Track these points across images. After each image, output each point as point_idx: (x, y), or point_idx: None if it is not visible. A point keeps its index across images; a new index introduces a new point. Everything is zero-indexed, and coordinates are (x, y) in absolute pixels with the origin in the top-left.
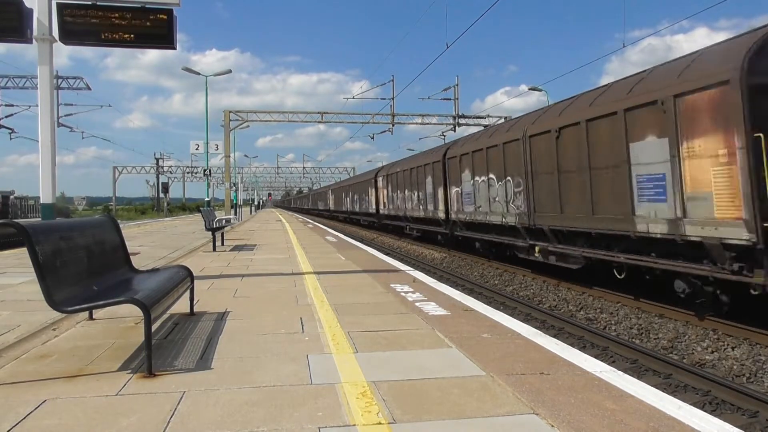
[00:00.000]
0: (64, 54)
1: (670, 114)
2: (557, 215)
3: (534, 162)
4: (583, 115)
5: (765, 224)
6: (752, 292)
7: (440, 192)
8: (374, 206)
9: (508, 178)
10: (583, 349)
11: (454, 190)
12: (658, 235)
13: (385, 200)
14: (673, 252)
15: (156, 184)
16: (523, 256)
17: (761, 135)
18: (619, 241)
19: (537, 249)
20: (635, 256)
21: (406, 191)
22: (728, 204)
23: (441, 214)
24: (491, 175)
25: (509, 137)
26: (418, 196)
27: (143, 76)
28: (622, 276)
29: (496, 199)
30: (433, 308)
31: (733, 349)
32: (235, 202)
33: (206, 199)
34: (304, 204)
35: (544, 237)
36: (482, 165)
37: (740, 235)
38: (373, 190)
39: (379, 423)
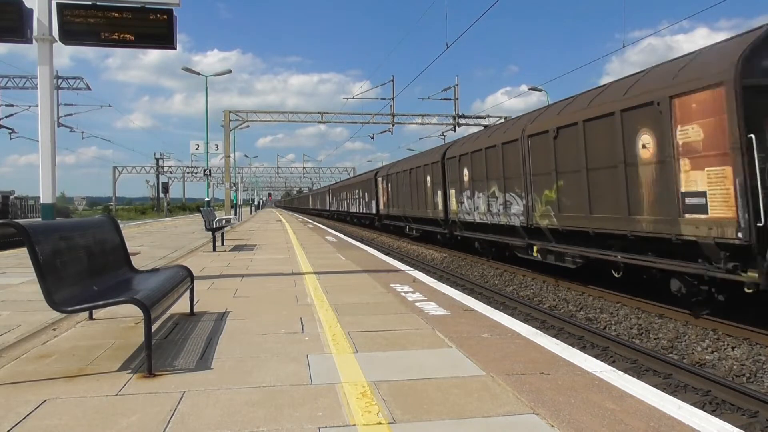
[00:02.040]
0: (65, 54)
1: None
2: None
3: None
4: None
5: None
6: None
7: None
8: (442, 209)
9: None
10: (583, 349)
11: None
12: None
13: (464, 199)
14: None
15: (156, 184)
16: None
17: None
18: None
19: None
20: None
21: (521, 184)
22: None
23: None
24: None
25: None
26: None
27: (144, 76)
28: None
29: None
30: (433, 308)
31: (733, 349)
32: (235, 202)
33: (206, 199)
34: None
35: None
36: None
37: None
38: (436, 185)
39: (379, 423)
